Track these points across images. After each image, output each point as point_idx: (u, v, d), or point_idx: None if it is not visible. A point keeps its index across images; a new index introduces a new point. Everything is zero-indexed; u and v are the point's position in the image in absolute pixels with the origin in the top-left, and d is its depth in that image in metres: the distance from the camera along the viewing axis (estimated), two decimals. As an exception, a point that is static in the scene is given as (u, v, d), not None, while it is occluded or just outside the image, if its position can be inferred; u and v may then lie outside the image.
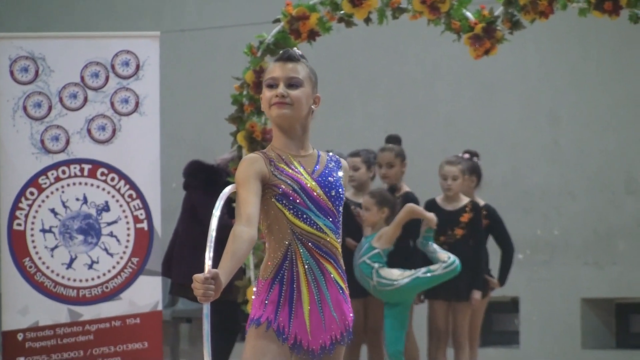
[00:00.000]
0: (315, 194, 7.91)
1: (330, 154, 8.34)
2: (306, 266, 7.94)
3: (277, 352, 7.89)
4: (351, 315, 8.20)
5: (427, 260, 16.35)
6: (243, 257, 7.81)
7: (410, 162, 17.68)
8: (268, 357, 7.86)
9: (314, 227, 7.89)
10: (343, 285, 8.06)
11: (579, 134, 22.36)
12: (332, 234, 7.95)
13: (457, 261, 16.24)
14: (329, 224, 7.93)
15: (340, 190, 8.03)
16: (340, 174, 8.14)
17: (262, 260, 8.27)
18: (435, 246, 16.39)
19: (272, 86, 8.01)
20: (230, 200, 8.17)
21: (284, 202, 7.87)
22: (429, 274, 16.46)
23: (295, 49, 8.40)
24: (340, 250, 8.11)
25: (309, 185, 7.94)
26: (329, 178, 7.99)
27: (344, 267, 8.15)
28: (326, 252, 7.93)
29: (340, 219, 8.14)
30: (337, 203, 8.00)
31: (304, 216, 7.89)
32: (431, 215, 16.31)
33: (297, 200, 7.88)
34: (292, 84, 7.99)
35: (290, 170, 7.92)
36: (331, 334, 8.01)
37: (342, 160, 8.29)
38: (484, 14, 15.54)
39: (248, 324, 8.05)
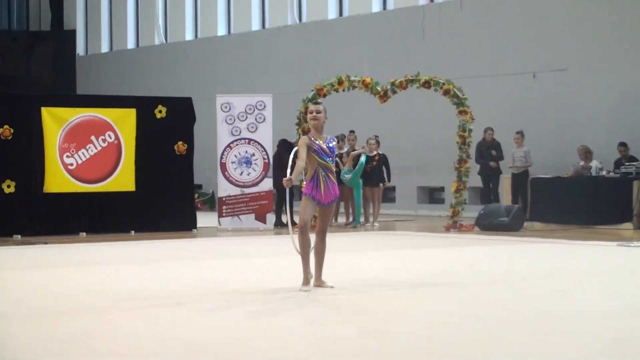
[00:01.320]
0: (325, 150, 10.01)
1: (332, 136, 10.29)
2: (322, 175, 9.99)
3: (312, 205, 10.00)
4: (337, 192, 10.15)
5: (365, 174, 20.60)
6: (300, 172, 9.94)
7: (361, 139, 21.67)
8: (309, 207, 10.00)
9: (324, 161, 10.00)
10: (335, 181, 10.09)
11: (430, 129, 26.10)
12: (331, 163, 10.03)
13: (363, 162, 20.29)
14: (330, 160, 10.03)
15: (334, 149, 10.11)
16: (334, 143, 10.18)
17: (307, 173, 10.06)
18: (362, 158, 20.41)
19: (311, 112, 10.10)
20: (295, 154, 9.90)
21: (315, 153, 9.95)
22: (355, 169, 20.37)
23: (319, 99, 11.12)
24: (334, 169, 10.11)
25: (323, 147, 9.99)
26: (330, 144, 10.07)
27: (335, 175, 10.18)
28: (329, 170, 10.03)
29: (334, 158, 10.12)
30: (333, 153, 10.06)
31: (322, 158, 9.98)
32: (364, 150, 20.49)
33: (319, 153, 9.97)
34: (318, 111, 10.07)
35: (317, 142, 9.98)
36: (331, 198, 10.04)
37: (335, 138, 10.39)
38: (384, 88, 19.75)
39: (302, 194, 10.10)
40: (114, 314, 8.71)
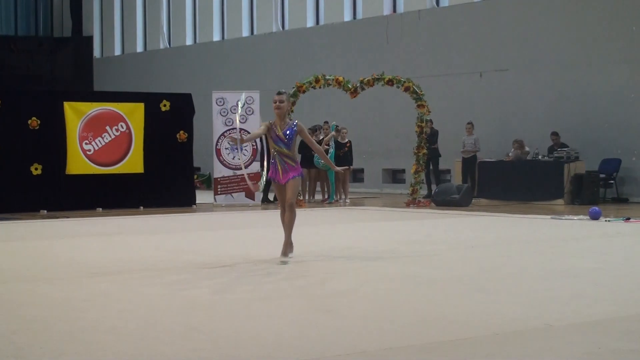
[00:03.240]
0: (280, 137, 9.38)
1: (295, 121, 9.61)
2: (279, 160, 9.44)
3: (275, 183, 9.55)
4: (297, 171, 9.52)
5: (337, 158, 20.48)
6: (252, 139, 10.03)
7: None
8: (274, 184, 9.60)
9: (279, 147, 9.42)
10: (293, 165, 9.48)
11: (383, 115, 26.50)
12: (286, 149, 9.40)
13: (332, 152, 20.26)
14: (284, 146, 9.40)
15: (291, 135, 9.38)
16: (295, 127, 9.43)
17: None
18: (330, 150, 20.36)
19: (275, 102, 9.48)
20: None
21: (272, 139, 9.43)
22: (325, 159, 19.83)
23: (283, 89, 9.69)
24: (289, 153, 9.46)
25: (279, 134, 9.37)
26: (287, 132, 9.38)
27: (294, 158, 9.53)
28: (285, 155, 9.43)
29: (290, 143, 9.41)
30: (289, 139, 9.38)
31: (277, 144, 9.42)
32: (328, 138, 20.32)
33: (275, 139, 9.41)
34: (281, 101, 9.48)
35: (274, 129, 9.42)
36: (287, 178, 9.41)
37: (297, 123, 9.54)
38: (354, 85, 19.71)
39: (269, 178, 9.68)
40: (126, 278, 8.70)
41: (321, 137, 21.08)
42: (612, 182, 20.57)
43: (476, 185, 21.11)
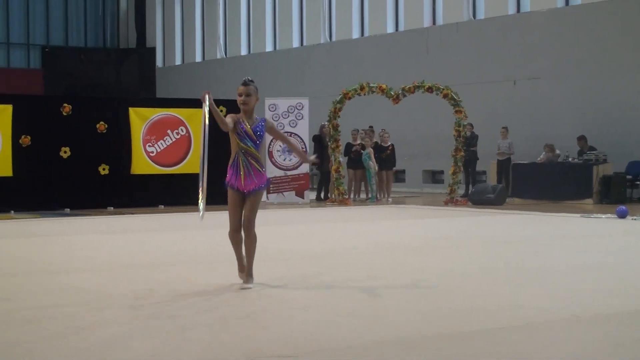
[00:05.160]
0: (249, 133, 7.43)
1: (263, 117, 7.71)
2: (242, 161, 7.50)
3: (233, 192, 7.61)
4: (262, 180, 7.62)
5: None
6: (221, 119, 7.28)
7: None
8: (235, 204, 7.68)
9: (247, 145, 7.47)
10: (259, 170, 7.56)
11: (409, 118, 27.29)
12: (254, 148, 7.49)
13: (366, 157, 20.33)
14: (253, 145, 7.48)
15: (261, 133, 7.51)
16: (263, 123, 7.49)
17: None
18: (368, 161, 20.42)
19: (240, 95, 7.51)
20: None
21: (237, 135, 7.43)
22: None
23: (249, 77, 7.72)
24: (257, 155, 7.55)
25: (249, 130, 7.41)
26: (256, 128, 7.45)
27: (261, 162, 7.60)
28: (251, 155, 7.51)
29: (259, 143, 7.54)
30: (259, 137, 7.49)
31: (243, 141, 7.45)
32: (371, 150, 20.46)
33: (242, 136, 7.43)
34: (248, 94, 7.44)
35: (242, 124, 7.42)
36: (251, 186, 7.52)
37: (267, 119, 7.69)
38: (396, 92, 19.70)
39: (225, 184, 7.64)
40: (177, 267, 8.77)
41: (368, 142, 21.04)
42: (638, 182, 20.30)
43: (510, 186, 20.96)
